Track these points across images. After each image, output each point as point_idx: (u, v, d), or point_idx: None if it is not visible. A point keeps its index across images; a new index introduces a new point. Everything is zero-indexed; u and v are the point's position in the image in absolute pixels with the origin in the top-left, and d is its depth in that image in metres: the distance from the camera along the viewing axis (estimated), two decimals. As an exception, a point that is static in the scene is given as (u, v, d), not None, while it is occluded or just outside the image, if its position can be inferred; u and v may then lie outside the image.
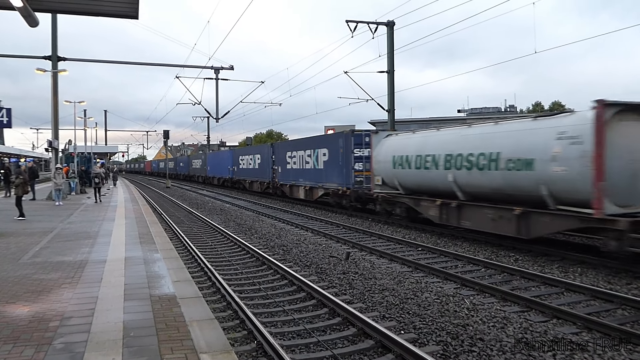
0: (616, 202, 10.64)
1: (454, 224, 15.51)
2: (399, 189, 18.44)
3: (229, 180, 45.12)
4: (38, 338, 5.24)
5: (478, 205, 14.43)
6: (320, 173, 25.61)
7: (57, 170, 24.01)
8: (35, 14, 9.03)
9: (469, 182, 14.63)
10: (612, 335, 6.93)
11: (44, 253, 10.36)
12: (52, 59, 25.90)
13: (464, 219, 15.01)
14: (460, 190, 15.03)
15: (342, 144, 23.18)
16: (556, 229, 12.42)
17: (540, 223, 12.32)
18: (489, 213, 13.89)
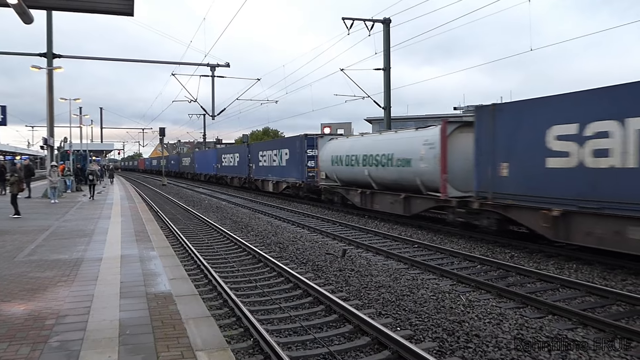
0: (456, 187, 15.16)
1: (369, 207, 20.45)
2: (336, 181, 23.45)
3: (213, 176, 49.77)
4: (34, 336, 5.23)
5: (382, 192, 19.50)
6: (283, 169, 30.30)
7: (53, 168, 23.93)
8: (30, 11, 8.99)
9: (377, 175, 19.54)
10: (607, 331, 6.97)
11: (40, 251, 10.33)
12: (48, 56, 25.79)
13: (375, 203, 19.97)
14: (373, 182, 19.93)
15: (299, 146, 27.57)
16: (424, 207, 17.07)
17: (416, 204, 17.43)
18: (388, 198, 18.95)
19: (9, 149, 64.28)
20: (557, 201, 11.35)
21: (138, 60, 30.38)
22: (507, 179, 12.77)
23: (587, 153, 10.64)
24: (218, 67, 28.74)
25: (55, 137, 27.73)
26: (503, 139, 12.89)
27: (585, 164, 10.68)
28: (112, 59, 30.30)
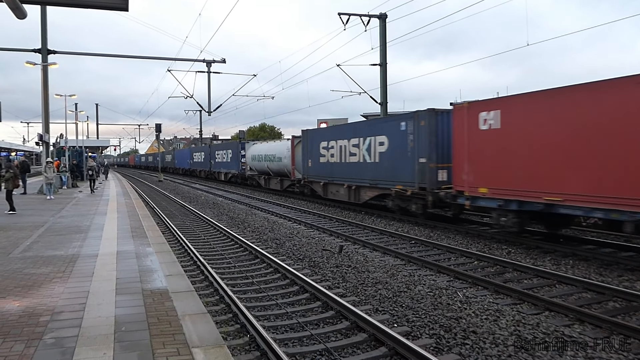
0: (298, 172, 27.09)
1: (267, 186, 33.96)
2: (254, 171, 36.58)
3: (188, 170, 62.69)
4: (28, 333, 5.19)
5: (273, 177, 32.57)
6: (229, 164, 43.67)
7: (48, 164, 23.83)
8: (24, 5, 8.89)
9: (270, 167, 32.15)
10: (604, 327, 6.98)
11: (35, 247, 10.27)
12: (42, 52, 25.63)
13: (270, 184, 33.35)
14: (270, 170, 32.64)
15: (236, 148, 40.87)
16: (288, 184, 29.94)
17: (284, 183, 30.64)
18: (275, 180, 32.17)
19: (4, 145, 63.96)
20: (325, 178, 24.03)
21: (133, 56, 30.15)
22: (310, 168, 25.56)
23: (331, 155, 23.28)
24: (214, 63, 28.58)
25: (50, 133, 27.61)
26: (308, 148, 25.74)
27: (330, 160, 23.43)
28: (108, 55, 30.15)
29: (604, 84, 10.57)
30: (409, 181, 17.12)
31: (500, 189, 13.05)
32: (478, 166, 13.81)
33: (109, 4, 9.22)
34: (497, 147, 13.15)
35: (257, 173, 35.71)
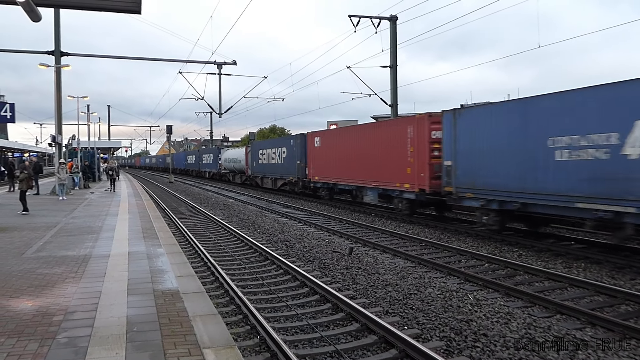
0: (252, 171, 39.11)
1: (232, 181, 47.84)
2: (227, 171, 48.95)
3: (183, 170, 74.79)
4: (42, 332, 5.25)
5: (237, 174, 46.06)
6: (210, 165, 55.92)
7: (61, 165, 24.05)
8: (38, 8, 9.01)
9: (235, 167, 45.15)
10: (616, 331, 6.92)
11: (48, 247, 10.38)
12: (55, 54, 25.87)
13: (234, 180, 46.83)
14: (235, 170, 45.95)
15: (215, 152, 53.89)
16: (244, 179, 42.83)
17: (242, 178, 44.05)
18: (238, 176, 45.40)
19: (17, 146, 64.62)
20: (261, 174, 36.73)
21: (145, 58, 30.39)
22: (254, 167, 37.96)
23: (264, 159, 35.49)
24: (225, 65, 28.73)
25: (63, 134, 27.84)
26: (252, 154, 38.35)
27: (263, 162, 35.87)
28: (120, 57, 30.45)
29: (376, 125, 22.69)
30: (294, 174, 29.85)
31: (324, 177, 25.92)
32: (314, 166, 27.18)
33: (121, 6, 9.31)
34: (321, 156, 26.30)
35: (228, 171, 48.89)
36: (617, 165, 10.38)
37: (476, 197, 14.46)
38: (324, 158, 25.55)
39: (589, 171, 11.01)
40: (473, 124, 14.69)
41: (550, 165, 11.95)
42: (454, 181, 15.29)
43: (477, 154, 14.41)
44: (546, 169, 12.07)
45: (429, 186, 16.68)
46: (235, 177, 46.51)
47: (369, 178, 20.81)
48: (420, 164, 17.13)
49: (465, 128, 14.92)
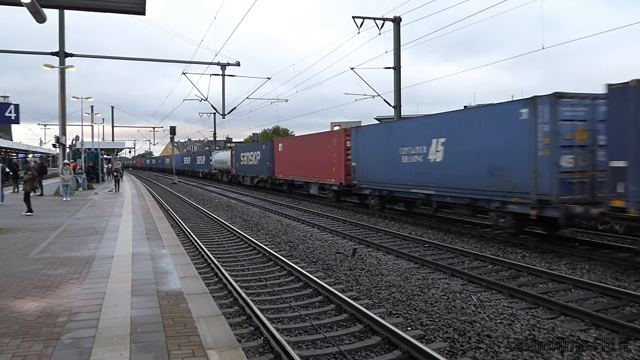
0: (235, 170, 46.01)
1: (220, 179, 54.02)
2: (217, 171, 54.62)
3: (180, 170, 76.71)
4: (46, 333, 5.27)
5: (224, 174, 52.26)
6: (203, 165, 62.04)
7: (65, 166, 24.12)
8: (43, 10, 9.05)
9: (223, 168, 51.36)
10: (620, 332, 6.90)
11: (52, 248, 10.41)
12: (60, 55, 25.96)
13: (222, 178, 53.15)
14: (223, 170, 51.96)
15: (206, 154, 61.04)
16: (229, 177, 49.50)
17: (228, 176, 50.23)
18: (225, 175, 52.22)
19: (21, 147, 64.81)
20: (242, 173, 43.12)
21: (149, 59, 30.45)
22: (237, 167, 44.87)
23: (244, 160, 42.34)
24: (228, 66, 28.74)
25: (67, 135, 27.93)
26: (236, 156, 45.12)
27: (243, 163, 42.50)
28: (123, 58, 30.45)
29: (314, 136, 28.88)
30: (265, 173, 35.90)
31: (286, 175, 31.91)
32: (278, 166, 33.31)
33: (126, 7, 9.34)
34: (283, 159, 32.38)
35: (217, 171, 54.32)
36: (426, 165, 17.08)
37: (368, 187, 21.58)
38: (285, 160, 32.30)
39: (415, 169, 17.76)
40: (366, 138, 21.71)
41: (400, 166, 18.73)
42: (356, 177, 22.38)
43: (368, 159, 21.30)
44: (398, 168, 18.87)
45: (344, 180, 23.70)
46: (222, 176, 52.74)
47: (312, 175, 27.60)
48: (339, 164, 24.20)
49: (362, 141, 21.95)
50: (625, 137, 9.97)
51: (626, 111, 9.94)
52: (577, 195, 11.88)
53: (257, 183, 38.94)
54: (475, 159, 14.60)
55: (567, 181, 11.95)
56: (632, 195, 9.73)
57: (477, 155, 14.55)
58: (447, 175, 15.93)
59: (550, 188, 11.99)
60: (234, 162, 45.85)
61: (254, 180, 39.70)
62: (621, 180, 10.05)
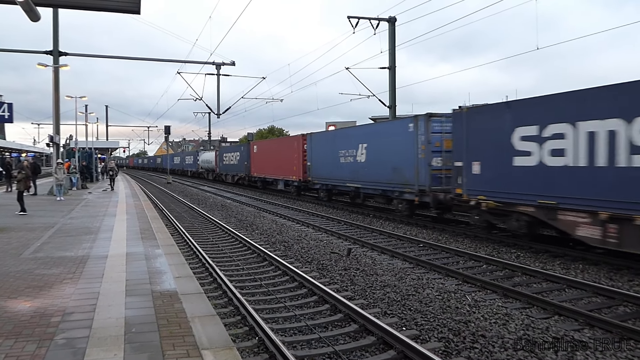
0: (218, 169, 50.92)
1: (206, 177, 57.79)
2: (203, 170, 58.44)
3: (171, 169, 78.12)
4: (40, 333, 5.24)
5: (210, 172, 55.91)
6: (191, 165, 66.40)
7: (59, 166, 24.01)
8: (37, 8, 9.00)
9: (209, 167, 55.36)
10: (614, 332, 6.93)
11: (46, 248, 10.36)
12: (54, 54, 25.78)
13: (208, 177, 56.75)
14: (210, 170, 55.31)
15: (194, 154, 65.10)
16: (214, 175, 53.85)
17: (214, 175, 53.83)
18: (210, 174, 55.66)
19: (15, 146, 64.49)
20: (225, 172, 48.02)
21: (144, 58, 30.31)
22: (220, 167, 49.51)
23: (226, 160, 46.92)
24: (223, 66, 28.67)
25: (61, 134, 27.79)
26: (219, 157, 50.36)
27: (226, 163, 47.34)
28: (118, 57, 30.32)
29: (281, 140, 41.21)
30: (243, 172, 40.52)
31: (259, 174, 36.31)
32: (254, 166, 37.46)
33: (121, 6, 9.30)
34: (257, 159, 36.66)
35: (204, 170, 58.17)
36: (355, 165, 21.91)
37: (319, 182, 26.39)
38: (259, 160, 36.74)
39: (349, 168, 22.47)
40: (317, 142, 26.64)
41: (339, 165, 23.41)
42: (311, 174, 27.07)
43: (318, 159, 26.18)
44: (338, 167, 23.55)
45: (303, 177, 28.21)
46: (208, 174, 56.64)
47: (279, 173, 31.88)
48: (299, 164, 28.59)
49: (315, 145, 26.79)
50: (461, 146, 14.62)
51: (461, 128, 14.65)
52: (444, 186, 16.13)
53: (237, 180, 43.43)
54: (384, 160, 19.34)
55: (437, 176, 16.61)
56: (465, 185, 14.49)
57: (385, 157, 19.34)
58: (368, 172, 20.79)
59: (425, 181, 16.74)
60: (218, 162, 50.64)
61: (234, 177, 44.32)
62: (459, 175, 14.71)
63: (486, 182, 13.67)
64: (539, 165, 11.90)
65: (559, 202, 11.43)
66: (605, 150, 10.34)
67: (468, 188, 14.30)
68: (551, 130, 11.56)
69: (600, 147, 10.45)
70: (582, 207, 10.87)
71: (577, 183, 10.98)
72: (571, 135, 11.03)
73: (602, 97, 10.57)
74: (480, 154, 13.85)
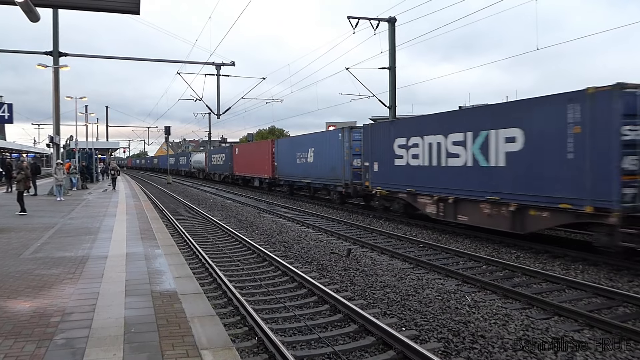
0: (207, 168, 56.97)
1: (197, 176, 63.70)
2: (195, 170, 64.12)
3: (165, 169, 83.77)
4: (39, 333, 5.24)
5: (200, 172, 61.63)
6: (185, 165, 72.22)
7: (58, 166, 24.01)
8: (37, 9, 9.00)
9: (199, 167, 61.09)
10: (614, 333, 6.93)
11: (46, 248, 10.36)
12: (53, 54, 25.78)
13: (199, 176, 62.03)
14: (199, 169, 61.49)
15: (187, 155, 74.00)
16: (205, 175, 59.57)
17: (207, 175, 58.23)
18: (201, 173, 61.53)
19: (15, 146, 64.53)
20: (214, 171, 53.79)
21: (143, 59, 30.33)
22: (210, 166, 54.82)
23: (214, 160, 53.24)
24: (223, 66, 28.67)
25: (61, 135, 27.80)
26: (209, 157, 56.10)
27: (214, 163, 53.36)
28: (118, 58, 30.36)
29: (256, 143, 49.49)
30: (227, 171, 45.92)
31: (240, 172, 41.84)
32: (236, 165, 42.99)
33: (120, 7, 9.30)
34: (238, 160, 42.50)
35: (196, 170, 63.73)
36: (307, 165, 27.17)
37: (283, 179, 31.78)
38: (240, 161, 42.21)
39: (302, 167, 27.81)
40: (281, 146, 32.67)
41: (296, 165, 28.77)
42: (277, 172, 32.51)
43: (282, 160, 31.68)
44: (295, 167, 28.88)
45: (272, 175, 33.26)
46: (199, 173, 62.19)
47: (255, 172, 37.35)
48: (269, 164, 33.53)
49: (279, 148, 32.69)
50: (367, 150, 20.31)
51: (367, 138, 20.35)
52: (361, 181, 21.26)
53: (223, 178, 49.40)
54: (325, 161, 25.12)
55: (357, 173, 22.01)
56: (370, 179, 20.05)
57: (325, 159, 25.11)
58: (315, 171, 26.37)
59: (349, 177, 22.60)
60: (207, 162, 56.51)
61: (220, 176, 50.27)
62: (367, 172, 20.25)
63: (381, 177, 19.19)
64: (406, 165, 17.49)
65: (416, 189, 16.99)
66: (436, 154, 15.76)
67: (372, 181, 19.94)
68: (412, 141, 17.13)
69: (434, 152, 15.88)
70: (427, 193, 16.38)
71: (426, 177, 16.35)
72: (421, 144, 16.63)
73: (433, 120, 16.59)
74: (378, 156, 19.35)
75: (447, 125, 15.46)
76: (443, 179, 15.45)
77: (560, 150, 11.26)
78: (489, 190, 13.54)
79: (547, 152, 11.71)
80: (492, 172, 13.49)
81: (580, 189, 10.86)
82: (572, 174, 11.00)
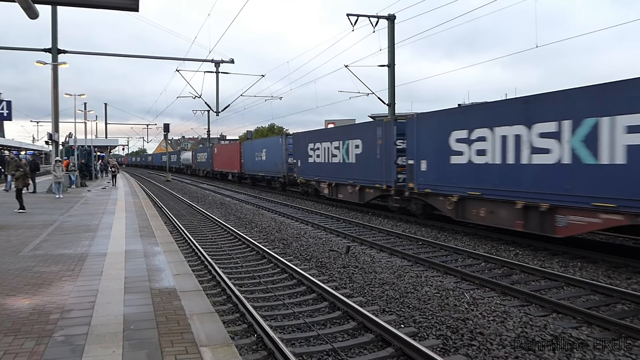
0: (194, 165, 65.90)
1: (186, 172, 71.95)
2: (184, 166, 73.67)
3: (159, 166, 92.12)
4: (38, 330, 5.25)
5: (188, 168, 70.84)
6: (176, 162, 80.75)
7: (57, 163, 23.98)
8: (35, 5, 8.96)
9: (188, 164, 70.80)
10: (612, 330, 6.95)
11: (45, 246, 10.36)
12: (52, 51, 25.73)
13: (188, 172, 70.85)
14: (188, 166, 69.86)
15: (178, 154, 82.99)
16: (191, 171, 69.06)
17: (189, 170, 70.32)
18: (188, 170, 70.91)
19: (14, 144, 64.40)
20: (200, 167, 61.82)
21: (142, 56, 30.25)
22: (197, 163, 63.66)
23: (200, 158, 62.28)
24: (222, 63, 28.62)
25: (60, 132, 27.78)
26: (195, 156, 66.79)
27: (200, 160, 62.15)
28: (117, 55, 30.34)
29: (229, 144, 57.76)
30: (209, 167, 55.22)
31: (219, 168, 50.62)
32: (215, 162, 51.49)
33: (119, 4, 9.26)
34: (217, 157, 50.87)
35: (184, 166, 70.62)
36: (261, 162, 36.10)
37: (247, 174, 40.32)
38: (218, 159, 49.82)
39: (259, 164, 36.73)
40: (246, 147, 40.97)
41: (255, 162, 37.86)
42: (244, 168, 40.58)
43: (247, 158, 39.98)
44: (254, 163, 37.85)
45: (240, 170, 41.55)
46: (187, 169, 69.54)
47: (228, 168, 45.77)
48: (238, 161, 41.83)
49: (244, 148, 40.93)
50: (295, 151, 28.98)
51: (298, 143, 28.75)
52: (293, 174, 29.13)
53: (205, 174, 57.78)
54: (272, 159, 33.18)
55: (291, 168, 29.77)
56: (297, 172, 28.77)
57: (272, 157, 33.09)
58: (267, 166, 34.51)
59: (285, 170, 30.78)
60: (194, 160, 64.56)
61: (204, 172, 58.40)
62: (295, 166, 28.85)
63: (304, 169, 26.95)
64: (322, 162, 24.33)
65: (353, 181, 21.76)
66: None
67: (298, 173, 28.12)
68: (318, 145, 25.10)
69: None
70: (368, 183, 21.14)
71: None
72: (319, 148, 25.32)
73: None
74: (300, 156, 27.32)
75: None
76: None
77: (375, 153, 19.73)
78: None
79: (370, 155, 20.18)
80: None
81: (381, 175, 19.21)
82: (379, 167, 19.35)
